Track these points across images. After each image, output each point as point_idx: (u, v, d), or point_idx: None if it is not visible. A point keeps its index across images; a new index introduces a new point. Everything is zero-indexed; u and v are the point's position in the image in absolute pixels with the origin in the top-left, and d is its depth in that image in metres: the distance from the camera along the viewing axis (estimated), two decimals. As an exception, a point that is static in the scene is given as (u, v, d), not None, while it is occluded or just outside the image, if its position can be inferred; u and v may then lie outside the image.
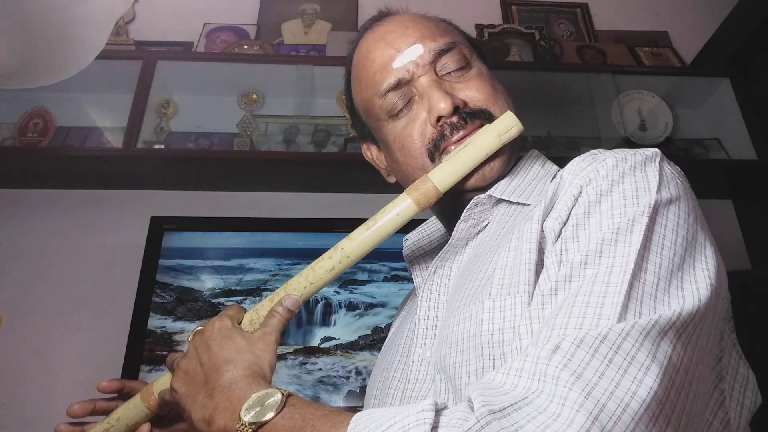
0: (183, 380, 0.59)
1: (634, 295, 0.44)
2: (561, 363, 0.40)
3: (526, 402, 0.39)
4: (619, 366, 0.40)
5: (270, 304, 0.63)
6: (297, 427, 0.47)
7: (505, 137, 0.63)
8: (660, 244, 0.48)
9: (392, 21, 0.72)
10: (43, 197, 1.59)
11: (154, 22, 1.83)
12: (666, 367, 0.41)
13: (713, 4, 1.86)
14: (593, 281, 0.46)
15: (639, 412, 0.38)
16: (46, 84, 0.96)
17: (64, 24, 0.85)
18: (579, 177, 0.55)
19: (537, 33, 1.87)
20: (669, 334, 0.43)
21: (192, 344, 0.61)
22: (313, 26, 1.85)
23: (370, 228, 0.63)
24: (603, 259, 0.47)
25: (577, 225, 0.52)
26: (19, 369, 1.40)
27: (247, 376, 0.54)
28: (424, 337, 0.65)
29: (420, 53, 0.67)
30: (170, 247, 1.47)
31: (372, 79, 0.70)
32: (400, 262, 1.49)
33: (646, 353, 0.41)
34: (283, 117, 1.65)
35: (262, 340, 0.59)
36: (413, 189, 0.63)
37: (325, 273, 0.64)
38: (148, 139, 1.53)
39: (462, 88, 0.67)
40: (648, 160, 0.55)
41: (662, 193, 0.52)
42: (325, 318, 1.41)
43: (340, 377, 1.34)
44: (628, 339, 0.41)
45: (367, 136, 0.78)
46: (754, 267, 1.63)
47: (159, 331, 1.37)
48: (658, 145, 1.65)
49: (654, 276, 0.46)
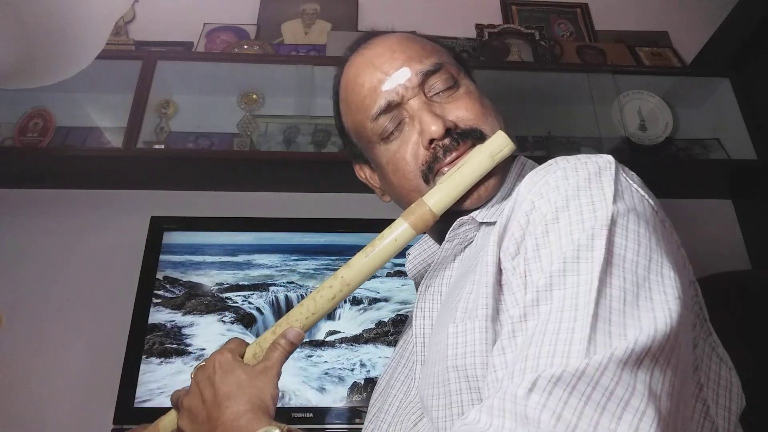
0: (187, 418, 0.59)
1: (602, 314, 0.43)
2: (539, 404, 0.39)
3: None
4: (597, 403, 0.38)
5: (272, 337, 0.64)
6: None
7: (498, 157, 0.63)
8: (622, 257, 0.47)
9: (379, 44, 0.71)
10: (43, 197, 1.59)
11: (154, 22, 1.83)
12: (647, 398, 0.39)
13: (713, 4, 1.86)
14: (561, 305, 0.45)
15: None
16: (46, 84, 0.96)
17: (64, 24, 0.85)
18: (531, 192, 0.54)
19: (537, 33, 1.87)
20: (645, 362, 0.41)
21: (194, 380, 0.61)
22: (313, 26, 1.85)
23: (368, 255, 0.63)
24: (568, 279, 0.46)
25: (537, 245, 0.50)
26: (20, 369, 1.40)
27: (248, 411, 0.54)
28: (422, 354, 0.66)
29: (408, 76, 0.67)
30: (178, 243, 1.49)
31: (362, 103, 0.70)
32: (403, 258, 1.49)
33: (624, 387, 0.39)
34: (283, 117, 1.65)
35: (264, 373, 0.59)
36: (409, 213, 0.63)
37: (327, 302, 0.64)
38: (148, 139, 1.53)
39: (451, 109, 0.67)
40: (602, 170, 0.54)
41: (618, 204, 0.50)
42: (330, 313, 1.43)
43: (345, 369, 1.37)
44: (606, 373, 0.39)
45: (359, 157, 0.79)
46: (754, 267, 1.63)
47: (169, 325, 1.39)
48: (658, 145, 1.66)
49: (620, 290, 0.45)
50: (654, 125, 1.69)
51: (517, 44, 1.82)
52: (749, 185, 1.66)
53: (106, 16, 0.93)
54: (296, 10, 1.89)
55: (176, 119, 1.66)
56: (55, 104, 1.61)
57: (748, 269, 1.61)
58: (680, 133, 1.73)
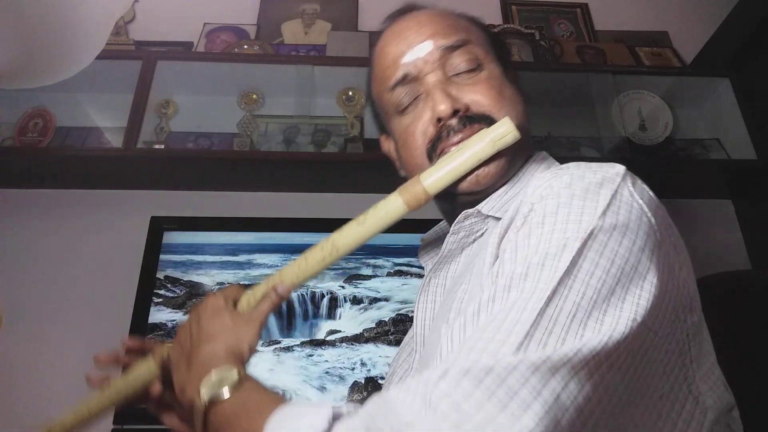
0: (175, 349, 0.63)
1: (543, 324, 0.42)
2: (444, 391, 0.39)
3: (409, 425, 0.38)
4: (500, 400, 0.38)
5: (265, 288, 0.66)
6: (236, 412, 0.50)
7: (499, 143, 0.62)
8: (589, 273, 0.46)
9: (411, 17, 0.72)
10: (43, 197, 1.59)
11: (154, 22, 1.83)
12: (551, 406, 0.38)
13: (713, 4, 1.86)
14: (512, 306, 0.44)
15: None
16: (46, 84, 0.96)
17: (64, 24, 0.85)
18: (534, 195, 0.54)
19: (537, 33, 1.87)
20: (562, 371, 0.40)
21: (188, 317, 0.65)
22: (313, 26, 1.85)
23: (361, 224, 0.65)
24: (527, 283, 0.46)
25: (516, 246, 0.50)
26: (20, 369, 1.40)
27: (222, 353, 0.57)
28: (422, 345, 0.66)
29: (429, 50, 0.67)
30: (178, 243, 1.49)
31: (383, 73, 0.70)
32: (403, 257, 1.52)
33: (530, 390, 0.38)
34: (283, 117, 1.65)
35: (248, 323, 0.62)
36: (404, 190, 0.64)
37: (316, 263, 0.66)
38: (148, 139, 1.53)
39: (468, 91, 0.66)
40: (606, 181, 0.52)
41: (606, 219, 0.49)
42: (331, 312, 1.45)
43: (346, 369, 1.37)
44: (514, 373, 0.39)
45: (383, 128, 0.79)
46: (754, 267, 1.63)
47: (170, 325, 1.39)
48: (658, 145, 1.66)
49: (573, 305, 0.44)
50: (654, 125, 1.70)
51: (517, 44, 1.82)
52: (749, 185, 1.66)
53: (106, 16, 0.93)
54: (296, 10, 1.89)
55: (176, 119, 1.66)
56: (55, 104, 1.61)
57: (748, 269, 1.62)
58: (680, 133, 1.73)
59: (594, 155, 1.62)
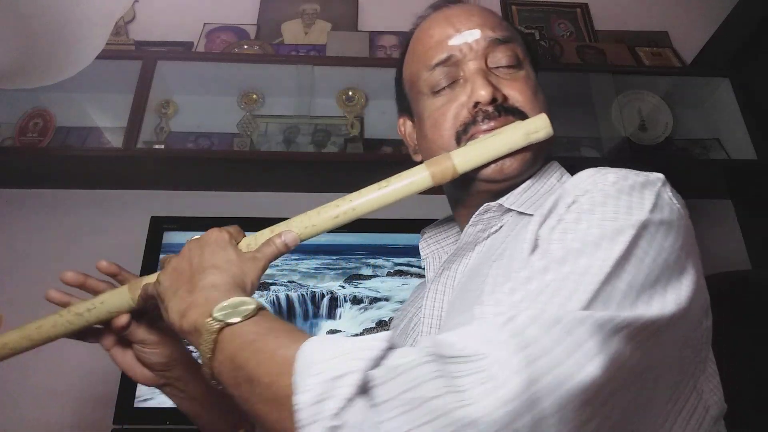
0: (169, 275, 0.61)
1: (602, 297, 0.45)
2: (511, 332, 0.40)
3: (470, 359, 0.39)
4: (566, 348, 0.40)
5: (269, 234, 0.65)
6: (261, 332, 0.48)
7: (533, 137, 0.64)
8: (640, 259, 0.49)
9: (460, 6, 0.74)
10: (43, 197, 1.59)
11: (154, 22, 1.83)
12: (612, 362, 0.41)
13: (713, 4, 1.86)
14: (566, 277, 0.46)
15: (574, 392, 0.38)
16: (46, 84, 0.96)
17: (64, 24, 0.85)
18: (577, 188, 0.56)
19: (537, 33, 1.87)
20: (622, 333, 0.43)
21: (186, 246, 0.64)
22: (313, 26, 1.85)
23: (382, 188, 0.63)
24: (581, 259, 0.48)
25: (565, 229, 0.52)
26: (20, 369, 1.40)
27: (229, 283, 0.56)
28: (427, 335, 0.67)
29: (476, 37, 0.69)
30: (178, 243, 1.49)
31: (426, 53, 0.71)
32: (403, 257, 1.52)
33: (594, 343, 0.41)
34: (283, 117, 1.65)
35: (253, 261, 0.61)
36: (433, 163, 0.64)
37: (329, 219, 0.64)
38: (148, 139, 1.53)
39: (506, 85, 0.68)
40: (648, 183, 0.56)
41: (654, 215, 0.52)
42: (331, 311, 1.45)
43: (346, 368, 1.37)
44: (582, 327, 0.41)
45: (405, 110, 0.80)
46: (754, 267, 1.63)
47: None
48: (658, 145, 1.66)
49: (626, 285, 0.46)
50: (654, 125, 1.69)
51: (517, 44, 1.82)
52: (749, 185, 1.66)
53: (106, 16, 0.93)
54: (296, 10, 1.89)
55: (176, 119, 1.66)
56: (55, 104, 1.62)
57: (748, 269, 1.62)
58: (680, 133, 1.73)
59: (594, 155, 1.62)
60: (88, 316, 0.70)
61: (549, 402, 0.37)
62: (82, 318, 0.70)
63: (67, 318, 0.71)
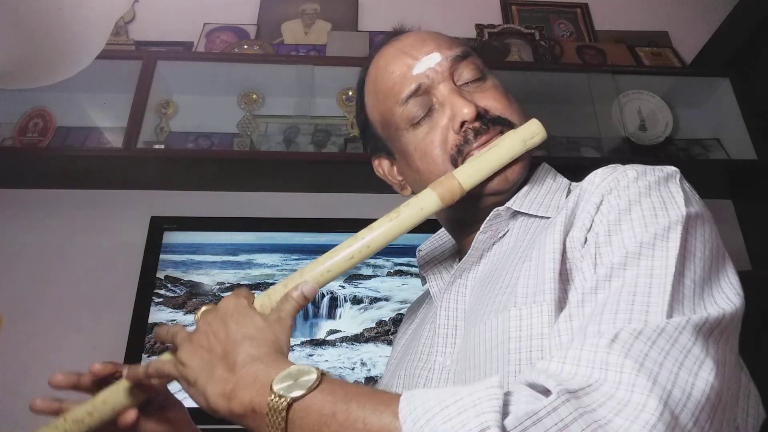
0: (195, 354, 0.55)
1: (677, 297, 0.46)
2: (622, 352, 0.40)
3: (593, 388, 0.39)
4: (675, 358, 0.41)
5: (284, 290, 0.62)
6: (338, 401, 0.44)
7: (530, 143, 0.64)
8: (693, 254, 0.50)
9: (409, 36, 0.74)
10: (43, 197, 1.59)
11: (154, 22, 1.83)
12: (717, 362, 0.42)
13: (713, 4, 1.86)
14: (635, 281, 0.47)
15: (701, 401, 0.39)
16: (46, 84, 0.96)
17: (64, 24, 0.85)
18: (600, 187, 0.57)
19: (537, 33, 1.87)
20: (715, 333, 0.44)
21: (203, 320, 0.59)
22: (313, 26, 1.85)
23: (393, 220, 0.63)
24: (642, 261, 0.48)
25: (609, 231, 0.52)
26: (20, 369, 1.40)
27: (271, 352, 0.52)
28: (444, 345, 0.66)
29: (438, 60, 0.69)
30: (178, 243, 1.49)
31: (391, 90, 0.71)
32: (403, 257, 1.52)
33: (700, 348, 0.42)
34: (283, 117, 1.65)
35: (279, 322, 0.57)
36: (438, 184, 0.63)
37: (345, 261, 0.63)
38: (148, 139, 1.53)
39: (480, 98, 0.68)
40: (669, 177, 0.57)
41: (690, 208, 0.53)
42: (331, 311, 1.45)
43: (346, 368, 1.38)
44: (684, 333, 0.42)
45: (379, 150, 0.78)
46: (754, 267, 1.63)
47: (170, 324, 1.38)
48: (658, 145, 1.66)
49: (691, 281, 0.48)
50: (654, 125, 1.70)
51: (517, 44, 1.82)
52: (749, 185, 1.66)
53: (106, 16, 0.93)
54: (296, 10, 1.89)
55: (176, 119, 1.66)
56: (55, 104, 1.62)
57: (748, 269, 1.61)
58: (680, 133, 1.73)
59: (594, 155, 1.62)
60: (90, 421, 0.61)
61: (684, 416, 0.38)
62: (83, 425, 0.61)
63: (65, 428, 0.61)
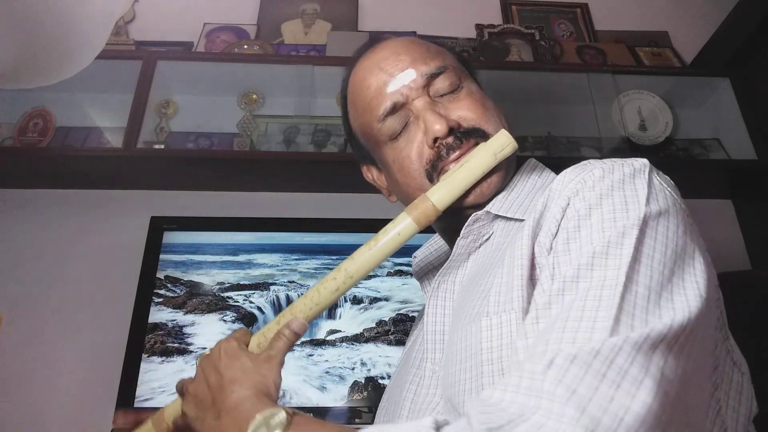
0: (192, 403, 0.60)
1: (626, 308, 0.44)
2: (556, 378, 0.40)
3: (524, 419, 0.39)
4: (612, 381, 0.40)
5: (276, 327, 0.65)
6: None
7: (500, 155, 0.65)
8: (650, 257, 0.48)
9: (385, 47, 0.73)
10: (43, 197, 1.59)
11: (154, 22, 1.83)
12: (659, 380, 0.41)
13: (713, 4, 1.86)
14: (585, 295, 0.46)
15: (634, 426, 0.38)
16: (46, 84, 0.96)
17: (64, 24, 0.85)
18: (567, 188, 0.56)
19: (537, 33, 1.87)
20: (661, 347, 0.43)
21: (199, 367, 0.62)
22: (313, 26, 1.85)
23: (372, 248, 0.64)
24: (595, 272, 0.47)
25: (567, 238, 0.52)
26: (20, 369, 1.40)
27: (253, 396, 0.55)
28: (433, 351, 0.66)
29: (413, 77, 0.69)
30: (178, 243, 1.49)
31: (369, 105, 0.71)
32: (403, 257, 1.51)
33: (638, 367, 0.40)
34: (283, 117, 1.65)
35: (268, 361, 0.60)
36: (413, 208, 0.64)
37: (330, 294, 0.65)
38: (148, 139, 1.53)
39: (454, 108, 0.69)
40: (637, 172, 0.56)
41: (651, 206, 0.52)
42: (331, 311, 1.45)
43: (346, 368, 1.37)
44: (621, 354, 0.41)
45: (366, 158, 0.80)
46: (754, 267, 1.63)
47: (170, 324, 1.39)
48: (658, 146, 1.66)
49: (645, 288, 0.46)
50: (654, 125, 1.69)
51: (517, 44, 1.82)
52: (749, 185, 1.66)
53: (106, 16, 0.93)
54: (296, 10, 1.89)
55: (176, 119, 1.66)
56: (55, 104, 1.61)
57: (748, 269, 1.62)
58: (680, 133, 1.73)
59: (594, 155, 1.62)
60: None
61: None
62: None
63: None
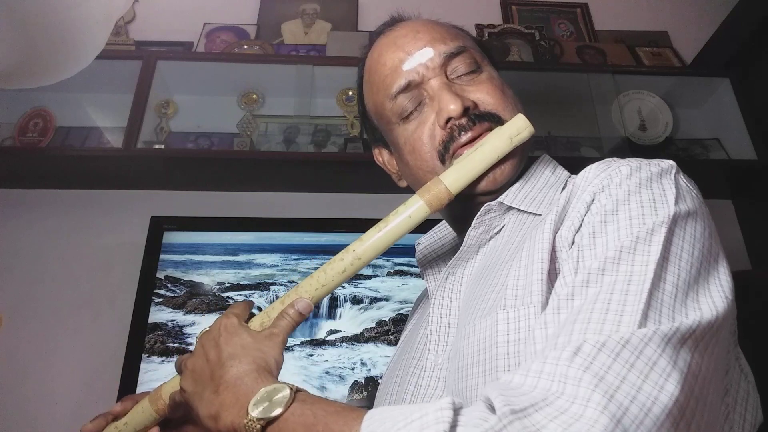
0: (190, 378, 0.58)
1: (654, 304, 0.44)
2: (583, 365, 0.39)
3: (547, 402, 0.38)
4: (640, 371, 0.39)
5: (281, 306, 0.63)
6: (308, 423, 0.46)
7: (516, 140, 0.63)
8: (678, 256, 0.48)
9: (404, 26, 0.72)
10: (43, 197, 1.59)
11: (154, 22, 1.83)
12: (686, 375, 0.40)
13: (713, 4, 1.86)
14: (612, 288, 0.45)
15: (661, 417, 0.38)
16: (46, 84, 0.96)
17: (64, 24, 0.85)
18: (592, 184, 0.55)
19: (537, 33, 1.87)
20: (689, 343, 0.42)
21: (199, 343, 0.61)
22: (313, 26, 1.85)
23: (382, 230, 0.62)
24: (621, 266, 0.47)
25: (593, 233, 0.51)
26: (20, 369, 1.40)
27: (253, 371, 0.53)
28: (436, 343, 0.65)
29: (430, 56, 0.67)
30: (178, 243, 1.49)
31: (383, 82, 0.70)
32: (403, 257, 1.52)
33: (667, 359, 0.40)
34: (283, 117, 1.65)
35: (270, 338, 0.58)
36: (425, 191, 0.62)
37: (337, 275, 0.63)
38: (148, 139, 1.53)
39: (473, 91, 0.67)
40: (664, 172, 0.56)
41: (680, 206, 0.51)
42: (331, 311, 1.45)
43: (346, 368, 1.38)
44: (650, 344, 0.41)
45: (378, 140, 0.78)
46: (754, 267, 1.63)
47: (170, 324, 1.39)
48: (658, 145, 1.66)
49: (672, 286, 0.46)
50: (654, 125, 1.70)
51: (517, 44, 1.82)
52: (749, 185, 1.66)
53: (106, 16, 0.93)
54: (296, 10, 1.89)
55: (176, 119, 1.66)
56: (55, 104, 1.61)
57: (748, 269, 1.61)
58: (680, 133, 1.73)
59: (594, 155, 1.62)
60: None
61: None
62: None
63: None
